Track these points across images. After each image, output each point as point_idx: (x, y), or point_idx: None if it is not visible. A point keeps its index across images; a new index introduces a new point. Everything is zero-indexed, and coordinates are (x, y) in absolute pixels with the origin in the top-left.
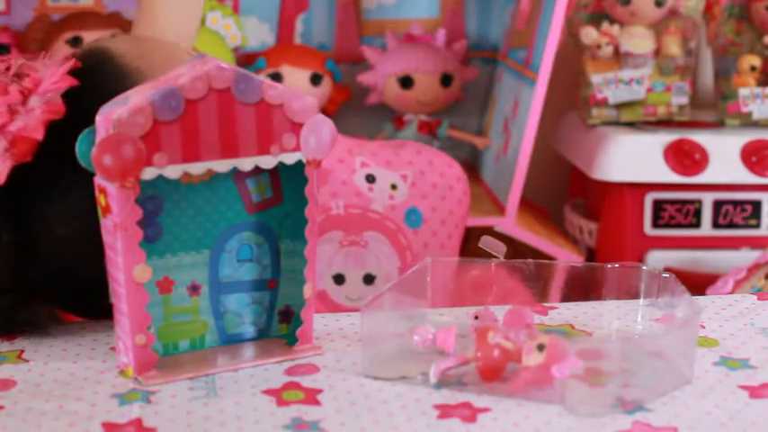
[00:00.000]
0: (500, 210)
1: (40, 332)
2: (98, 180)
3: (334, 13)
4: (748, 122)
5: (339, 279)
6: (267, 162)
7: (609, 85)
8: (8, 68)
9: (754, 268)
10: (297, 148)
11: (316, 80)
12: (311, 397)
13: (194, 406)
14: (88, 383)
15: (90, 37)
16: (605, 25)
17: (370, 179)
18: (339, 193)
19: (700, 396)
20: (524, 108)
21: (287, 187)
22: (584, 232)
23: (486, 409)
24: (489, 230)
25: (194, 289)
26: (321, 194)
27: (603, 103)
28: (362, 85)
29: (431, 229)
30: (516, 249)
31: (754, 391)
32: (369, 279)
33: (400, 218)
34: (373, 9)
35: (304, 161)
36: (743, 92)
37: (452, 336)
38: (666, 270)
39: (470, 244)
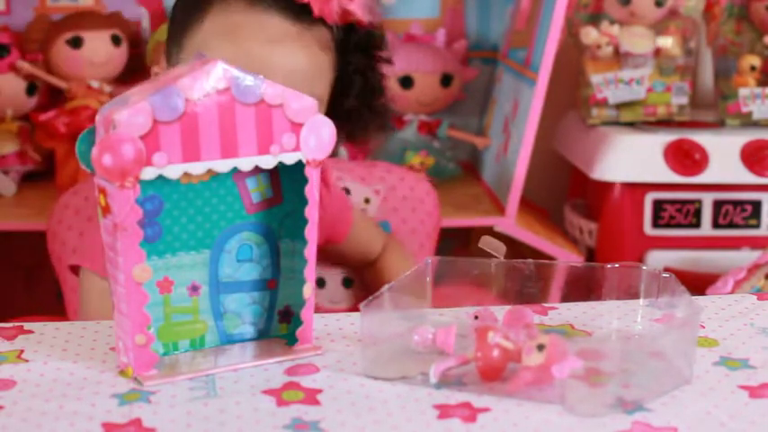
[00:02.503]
0: (500, 210)
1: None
2: (98, 180)
3: None
4: (748, 122)
5: (320, 282)
6: (267, 162)
7: (609, 85)
8: None
9: (754, 268)
10: (297, 148)
11: None
12: (311, 397)
13: (194, 406)
14: (88, 383)
15: (90, 37)
16: (605, 25)
17: (345, 192)
18: None
19: (699, 396)
20: (524, 108)
21: (287, 187)
22: (585, 232)
23: (486, 409)
24: (489, 230)
25: (194, 289)
26: None
27: (603, 103)
28: None
29: (401, 238)
30: (516, 249)
31: (754, 391)
32: (347, 283)
33: None
34: None
35: (304, 161)
36: (743, 92)
37: (452, 336)
38: (666, 270)
39: (470, 244)
